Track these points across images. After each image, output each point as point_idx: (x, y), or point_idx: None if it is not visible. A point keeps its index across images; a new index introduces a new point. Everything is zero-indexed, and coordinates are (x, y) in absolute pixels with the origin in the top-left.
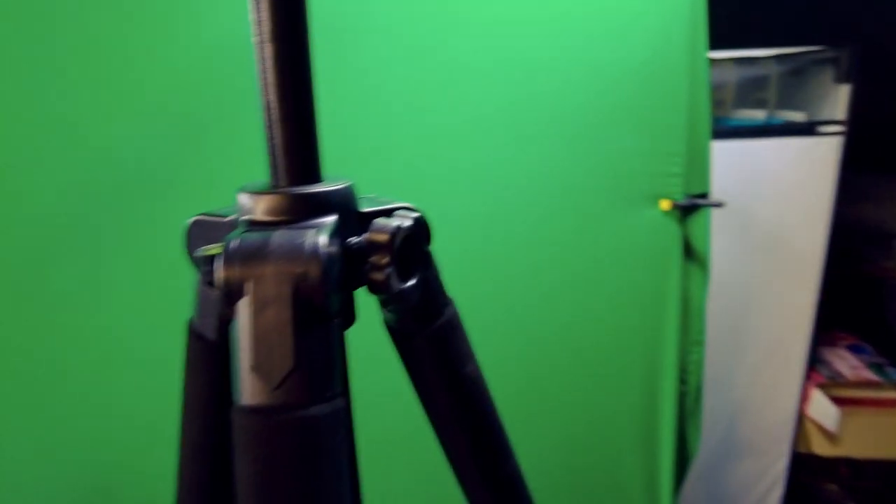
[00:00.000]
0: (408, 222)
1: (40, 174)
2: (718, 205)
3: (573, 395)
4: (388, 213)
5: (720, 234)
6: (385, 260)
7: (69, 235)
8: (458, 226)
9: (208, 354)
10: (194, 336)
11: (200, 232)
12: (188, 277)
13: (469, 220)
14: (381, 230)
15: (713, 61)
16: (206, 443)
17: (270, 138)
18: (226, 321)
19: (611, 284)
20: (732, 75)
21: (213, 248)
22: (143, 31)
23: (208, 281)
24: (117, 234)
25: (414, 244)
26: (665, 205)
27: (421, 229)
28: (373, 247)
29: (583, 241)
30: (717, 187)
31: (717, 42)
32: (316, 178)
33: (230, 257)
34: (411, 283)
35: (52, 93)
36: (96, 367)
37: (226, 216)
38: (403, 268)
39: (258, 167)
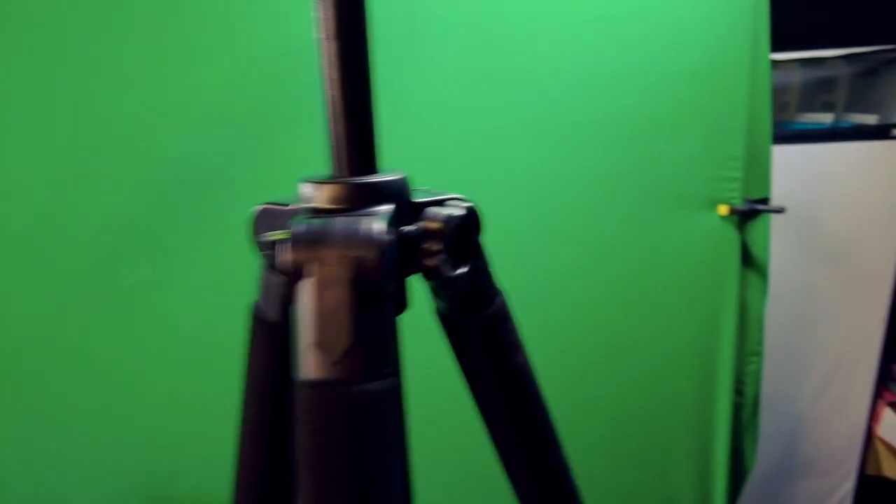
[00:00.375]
0: (460, 211)
1: (106, 176)
2: (779, 210)
3: (624, 403)
4: (440, 202)
5: (782, 241)
6: (438, 247)
7: (135, 236)
8: (512, 229)
9: (270, 335)
10: (257, 319)
11: (266, 219)
12: (248, 275)
13: (523, 223)
14: (434, 218)
15: (777, 63)
16: (266, 419)
17: (332, 131)
18: (288, 302)
19: (665, 291)
20: (797, 77)
21: (278, 234)
22: (206, 33)
23: (272, 265)
24: (180, 234)
25: (466, 233)
26: (723, 210)
27: (473, 219)
28: (426, 234)
29: (638, 246)
30: (780, 193)
31: (781, 43)
32: (373, 169)
33: (296, 241)
34: (462, 270)
35: (116, 96)
36: (159, 363)
37: (289, 205)
38: (455, 255)
39: (318, 168)
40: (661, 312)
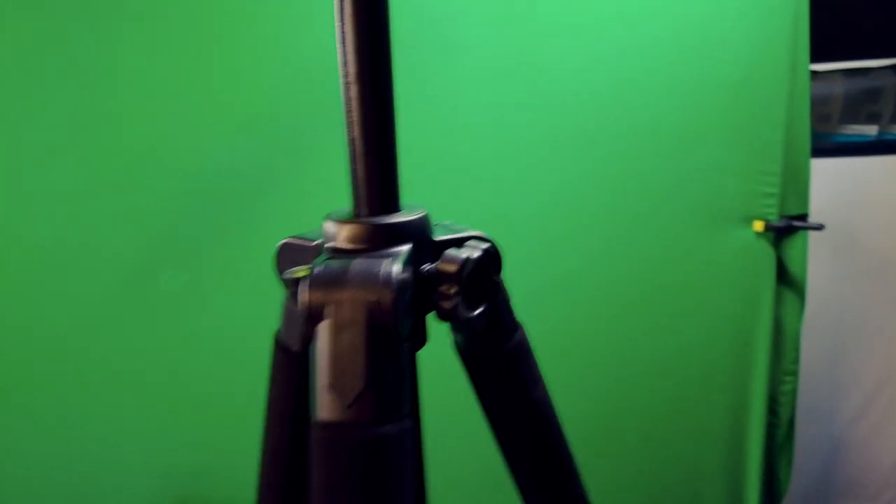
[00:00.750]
0: (477, 253)
1: (146, 184)
2: (818, 227)
3: (653, 420)
4: (459, 242)
5: (822, 259)
6: (453, 290)
7: (173, 242)
8: (541, 242)
9: (292, 365)
10: (280, 347)
11: (289, 254)
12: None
13: (555, 237)
14: (450, 261)
15: (819, 74)
16: (287, 449)
17: (353, 171)
18: (307, 338)
19: (698, 307)
20: (840, 88)
21: (300, 271)
22: (242, 45)
23: (294, 299)
24: (218, 240)
25: (483, 274)
26: (758, 226)
27: (491, 259)
28: (442, 276)
29: (670, 261)
30: (820, 209)
31: (823, 53)
32: (395, 207)
33: (313, 283)
34: (479, 311)
35: (154, 107)
36: (193, 366)
37: (312, 240)
38: (472, 297)
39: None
40: (692, 328)
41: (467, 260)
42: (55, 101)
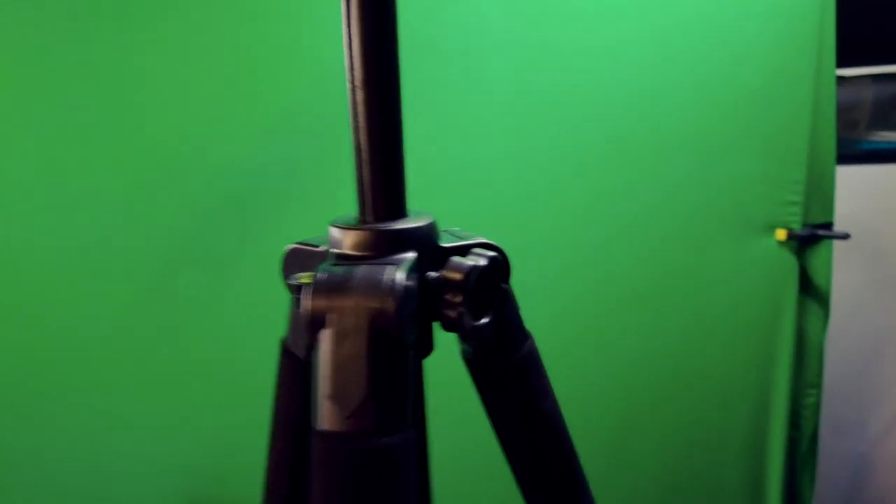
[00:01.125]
0: (483, 261)
1: (169, 188)
2: (843, 237)
3: (673, 431)
4: (466, 249)
5: (848, 269)
6: (458, 299)
7: (195, 246)
8: (566, 252)
9: (298, 372)
10: (286, 353)
11: (294, 260)
12: None
13: (576, 246)
14: (455, 268)
15: (846, 79)
16: (292, 456)
17: (359, 177)
18: (311, 346)
19: (719, 315)
20: (868, 93)
21: (304, 277)
22: (268, 49)
23: (299, 305)
24: (239, 245)
25: (490, 282)
26: (780, 234)
27: (498, 267)
28: (447, 284)
29: (691, 269)
30: (847, 217)
31: (851, 58)
32: (401, 213)
33: (316, 289)
34: (485, 320)
35: (180, 112)
36: (212, 369)
37: (318, 246)
38: (478, 306)
39: None
40: (712, 337)
41: (473, 268)
42: (81, 103)
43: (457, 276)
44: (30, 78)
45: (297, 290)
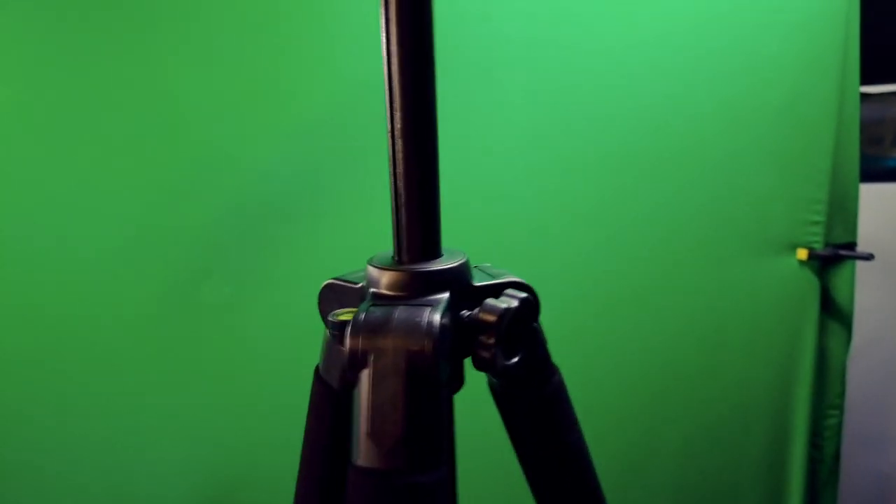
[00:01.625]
0: (515, 303)
1: (196, 197)
2: (867, 257)
3: (691, 451)
4: (499, 289)
5: (872, 289)
6: (491, 340)
7: (219, 255)
8: (585, 266)
9: (332, 402)
10: (320, 382)
11: (332, 294)
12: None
13: (596, 260)
14: (489, 311)
15: (870, 96)
16: (322, 481)
17: (396, 219)
18: (348, 380)
19: (738, 335)
20: (893, 111)
21: (343, 314)
22: (295, 57)
23: (336, 339)
24: (259, 254)
25: (521, 323)
26: (802, 254)
27: (529, 308)
28: (481, 326)
29: (711, 288)
30: (872, 236)
31: (875, 74)
32: (435, 254)
33: (358, 329)
34: (515, 360)
35: (208, 121)
36: (233, 377)
37: (356, 283)
38: (509, 346)
39: None
40: (732, 356)
41: (506, 311)
42: (107, 113)
43: (490, 318)
44: (59, 88)
45: (335, 326)
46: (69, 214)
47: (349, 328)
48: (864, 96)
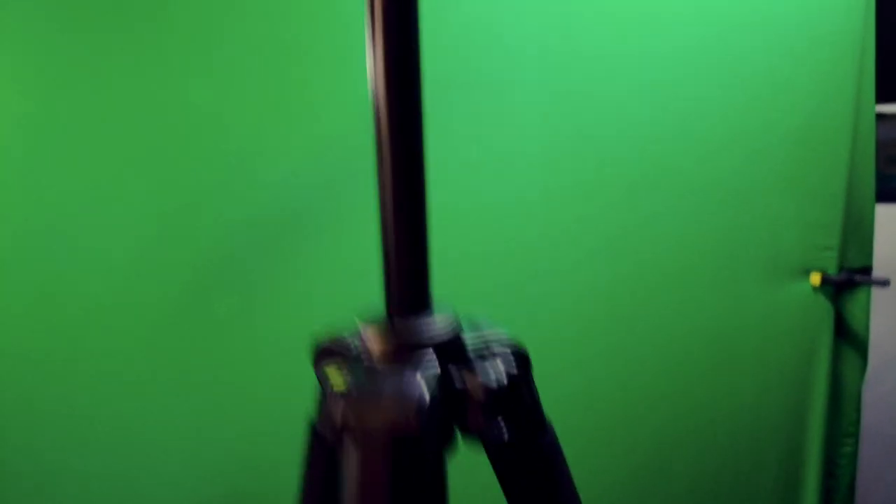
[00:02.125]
0: (505, 379)
1: (207, 211)
2: (883, 283)
3: (702, 479)
4: (489, 351)
5: (888, 312)
6: (482, 416)
7: (229, 268)
8: (597, 293)
9: (325, 454)
10: (315, 434)
11: (325, 345)
12: (332, 313)
13: (607, 283)
14: (478, 387)
15: (886, 116)
16: None
17: (387, 276)
18: (338, 443)
19: (751, 361)
20: None
21: (333, 372)
22: (310, 75)
23: (327, 393)
24: (270, 268)
25: (512, 395)
26: (815, 279)
27: (521, 375)
28: (471, 400)
29: (723, 313)
30: (888, 259)
31: (890, 95)
32: (425, 308)
33: (346, 403)
34: (505, 427)
35: (224, 134)
36: (246, 389)
37: (347, 339)
38: (497, 420)
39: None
40: (744, 382)
41: (498, 386)
42: (127, 131)
43: (480, 393)
44: (77, 100)
45: (326, 379)
46: (86, 222)
47: (338, 400)
48: (880, 117)
